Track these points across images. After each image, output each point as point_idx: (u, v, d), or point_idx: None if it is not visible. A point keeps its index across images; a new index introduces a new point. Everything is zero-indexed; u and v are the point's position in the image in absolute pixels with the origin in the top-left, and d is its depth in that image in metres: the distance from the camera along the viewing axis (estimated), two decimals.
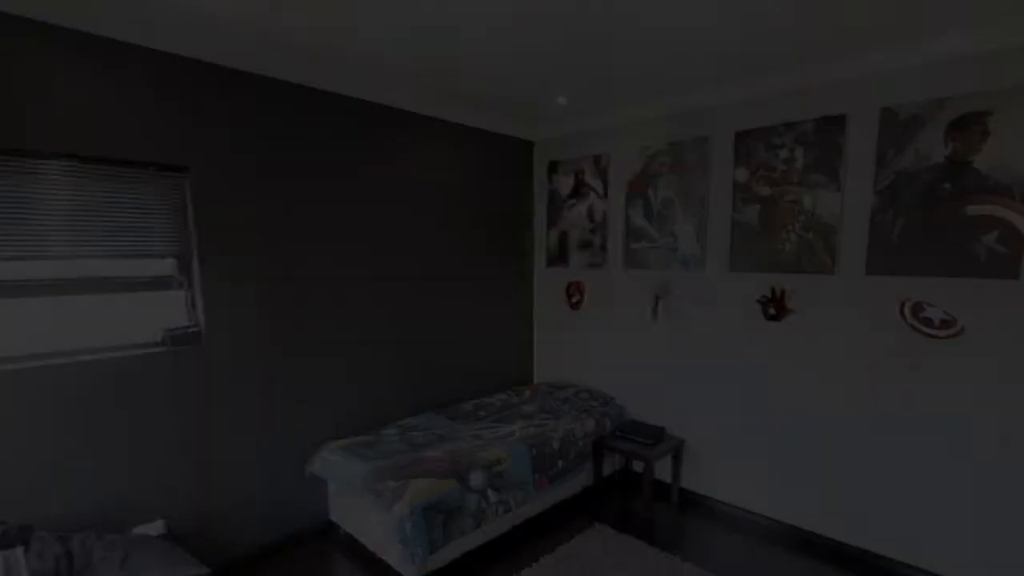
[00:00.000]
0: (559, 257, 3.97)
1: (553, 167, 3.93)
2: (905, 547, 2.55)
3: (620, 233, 3.56)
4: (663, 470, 3.44)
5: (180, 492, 2.40)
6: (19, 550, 1.71)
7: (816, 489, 2.82)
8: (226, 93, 2.44)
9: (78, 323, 2.18)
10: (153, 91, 2.22)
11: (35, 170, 2.00)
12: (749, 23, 2.13)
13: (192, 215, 2.37)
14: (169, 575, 1.84)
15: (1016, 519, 2.25)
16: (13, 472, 1.98)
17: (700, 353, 3.22)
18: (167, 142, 2.28)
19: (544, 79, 2.84)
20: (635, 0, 1.95)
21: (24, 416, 2.00)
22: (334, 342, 2.93)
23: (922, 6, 1.98)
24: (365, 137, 2.99)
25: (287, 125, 2.66)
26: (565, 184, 3.87)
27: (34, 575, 1.68)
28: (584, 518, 3.11)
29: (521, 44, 2.37)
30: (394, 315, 3.22)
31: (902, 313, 2.45)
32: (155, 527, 2.29)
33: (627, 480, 3.62)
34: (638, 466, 3.60)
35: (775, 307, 2.84)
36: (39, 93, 1.97)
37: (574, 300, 3.89)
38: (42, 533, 1.84)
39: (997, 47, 2.15)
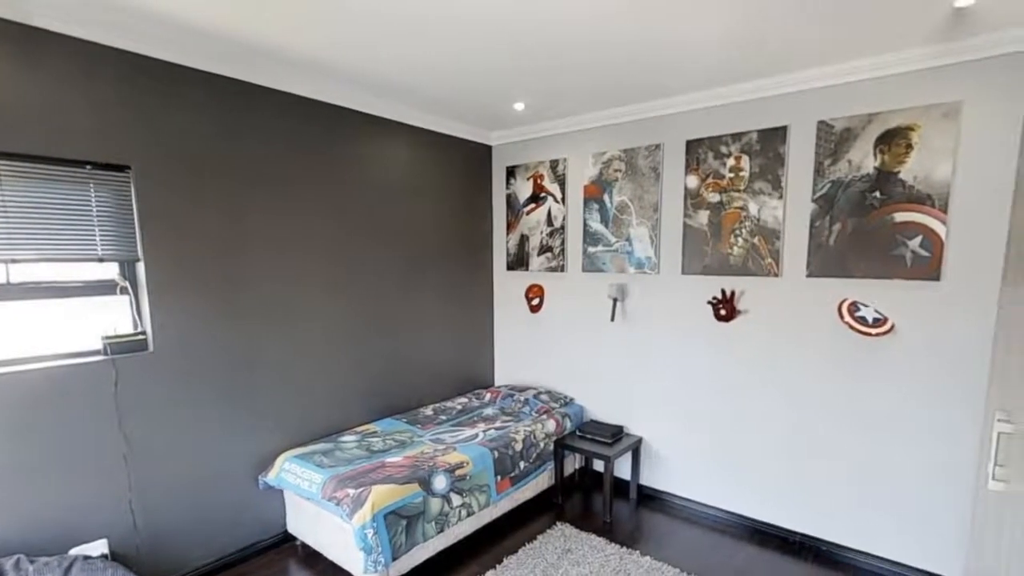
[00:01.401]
0: (519, 261, 4.01)
1: (511, 172, 3.97)
2: (846, 532, 2.73)
3: (578, 237, 3.64)
4: (623, 468, 3.54)
5: (124, 509, 2.27)
6: None
7: (764, 481, 2.97)
8: (174, 90, 2.33)
9: (8, 332, 2.03)
10: (89, 85, 2.09)
11: None
12: (702, 39, 2.24)
13: (137, 217, 2.25)
14: None
15: (948, 502, 2.45)
16: None
17: (656, 353, 3.33)
18: (106, 140, 2.15)
19: (502, 86, 2.87)
20: (591, 15, 2.02)
21: None
22: (289, 348, 2.85)
23: (853, 31, 2.14)
24: (322, 139, 2.93)
25: (240, 126, 2.57)
26: (523, 189, 3.92)
27: None
28: (547, 518, 3.15)
29: (478, 55, 2.39)
30: (351, 320, 3.16)
31: (840, 313, 2.63)
32: (96, 547, 2.15)
33: (588, 479, 3.69)
34: (599, 465, 3.68)
35: (725, 308, 2.98)
36: None
37: (534, 303, 3.94)
38: None
39: (919, 68, 2.35)
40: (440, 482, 2.58)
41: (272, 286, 2.75)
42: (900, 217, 2.44)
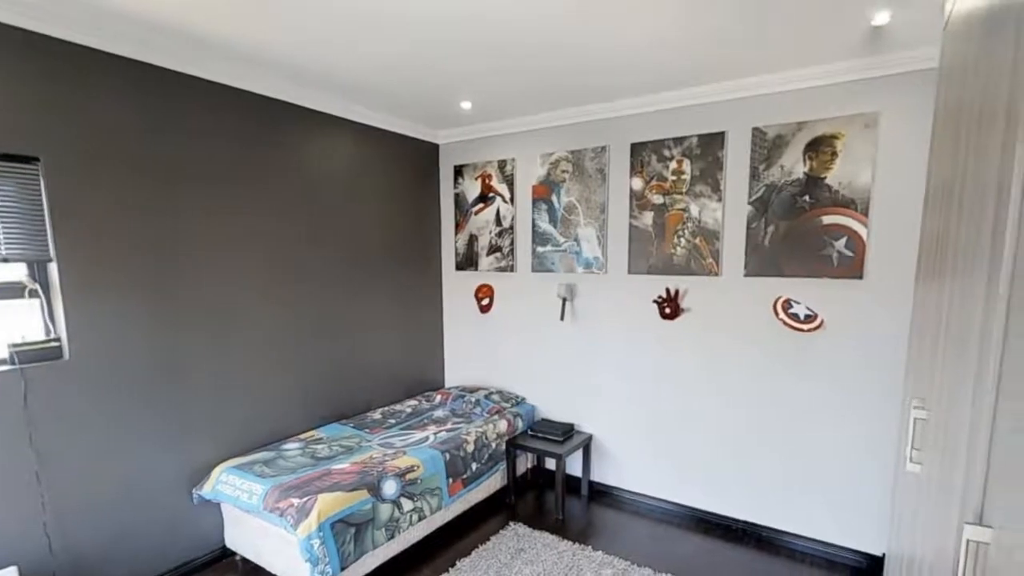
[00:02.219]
0: (468, 261, 3.98)
1: (459, 171, 3.94)
2: (783, 517, 2.89)
3: (527, 237, 3.66)
4: (574, 465, 3.58)
5: (37, 532, 2.06)
6: None
7: (707, 472, 3.10)
8: (91, 78, 2.14)
9: None
10: None
11: None
12: (644, 46, 2.30)
13: (48, 214, 2.05)
14: None
15: (873, 485, 2.64)
16: None
17: (605, 351, 3.40)
18: (9, 128, 1.95)
19: (449, 85, 2.84)
20: (537, 15, 2.02)
21: None
22: (225, 354, 2.69)
23: (782, 44, 2.27)
24: (261, 135, 2.78)
25: (169, 118, 2.40)
26: (471, 188, 3.89)
27: None
28: (500, 518, 3.15)
29: (426, 53, 2.35)
30: (294, 323, 3.03)
31: (775, 310, 2.78)
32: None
33: (540, 477, 3.72)
34: (551, 463, 3.71)
35: (670, 306, 3.08)
36: None
37: (484, 303, 3.92)
38: None
39: (842, 80, 2.52)
40: (390, 487, 2.52)
41: (207, 289, 2.59)
42: (827, 220, 2.60)
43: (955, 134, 1.16)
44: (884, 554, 2.61)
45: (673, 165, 3.03)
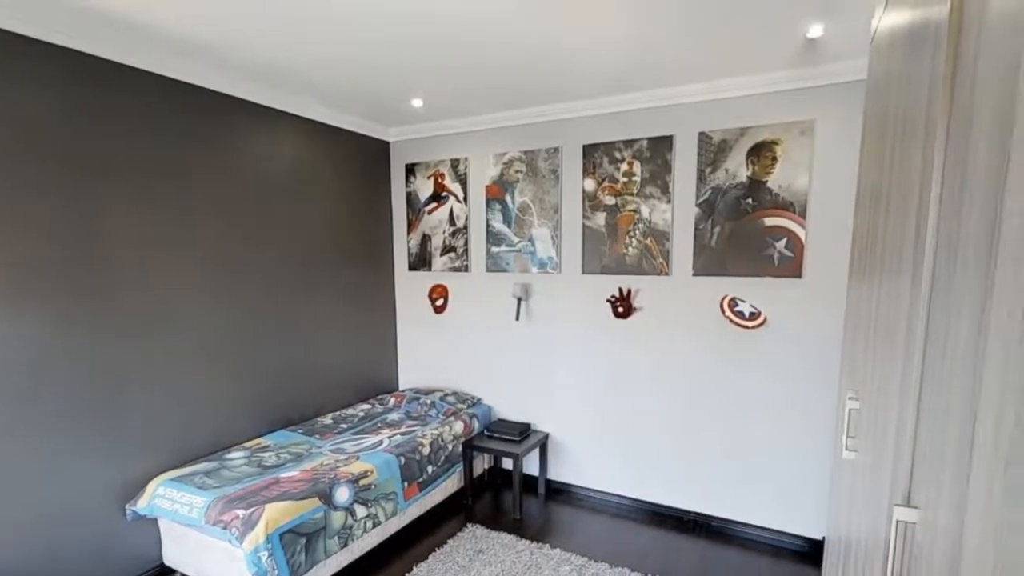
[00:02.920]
0: (421, 261, 3.93)
1: (411, 169, 3.88)
2: (731, 507, 3.01)
3: (481, 237, 3.65)
4: (531, 464, 3.60)
5: None
6: None
7: (660, 466, 3.18)
8: (8, 64, 1.97)
9: None
10: None
11: None
12: (592, 49, 2.34)
13: None
14: None
15: (813, 473, 2.79)
16: None
17: (560, 350, 3.43)
18: None
19: (399, 81, 2.78)
20: (483, 15, 2.02)
21: None
22: (161, 360, 2.54)
23: (724, 53, 2.36)
24: (198, 127, 2.64)
25: (96, 109, 2.24)
26: (424, 187, 3.84)
27: None
28: (457, 521, 3.12)
29: (375, 48, 2.30)
30: (236, 327, 2.89)
31: (722, 308, 2.89)
32: None
33: (498, 478, 3.71)
34: (508, 463, 3.71)
35: (623, 306, 3.15)
36: None
37: (438, 304, 3.88)
38: None
39: (781, 89, 2.65)
40: (343, 494, 2.45)
41: (140, 291, 2.43)
42: (769, 221, 2.73)
43: (881, 142, 1.24)
44: (824, 537, 2.76)
45: (624, 167, 3.10)
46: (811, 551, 2.81)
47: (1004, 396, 0.49)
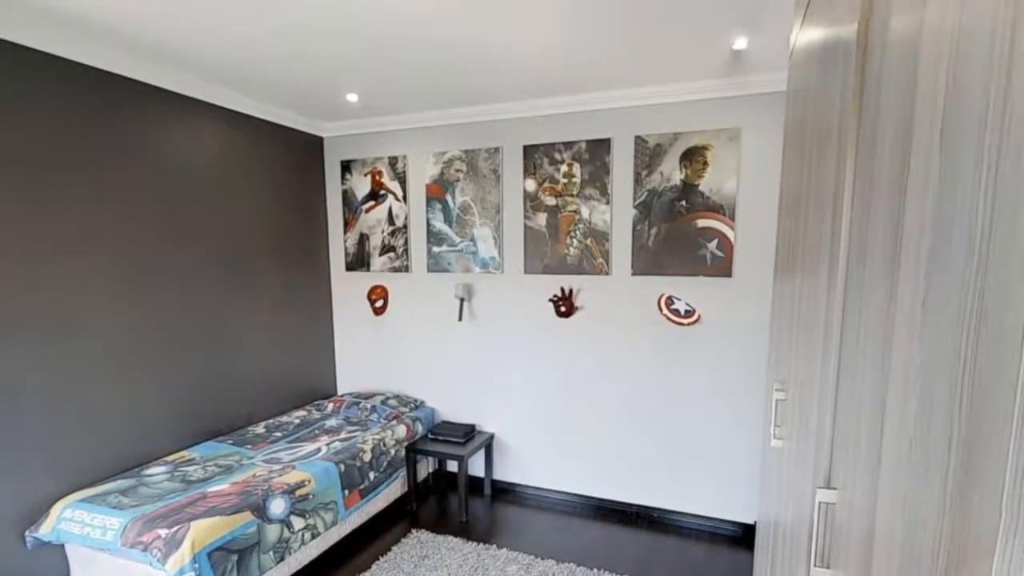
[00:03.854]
0: (359, 261, 3.81)
1: (347, 166, 3.75)
2: (671, 497, 3.13)
3: (422, 237, 3.59)
4: (476, 466, 3.58)
5: None
6: None
7: (603, 462, 3.26)
8: None
9: None
10: None
11: None
12: (527, 52, 2.37)
13: None
14: None
15: (745, 461, 2.95)
16: None
17: (504, 351, 3.44)
18: None
19: (332, 74, 2.68)
20: (415, 13, 1.99)
21: None
22: (61, 372, 2.31)
23: (656, 61, 2.45)
24: (100, 115, 2.43)
25: None
26: (361, 185, 3.73)
27: None
28: (401, 526, 3.06)
29: (305, 37, 2.21)
30: (152, 333, 2.68)
31: (659, 306, 3.00)
32: None
33: (443, 480, 3.67)
34: (453, 466, 3.67)
35: (565, 305, 3.20)
36: None
37: (377, 305, 3.78)
38: None
39: (711, 97, 2.79)
40: (278, 506, 2.33)
41: (32, 296, 2.20)
42: (701, 223, 2.87)
43: (800, 150, 1.33)
44: (756, 521, 2.93)
45: (564, 168, 3.15)
46: (744, 535, 2.97)
47: (907, 382, 0.54)
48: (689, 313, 2.94)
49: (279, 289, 3.46)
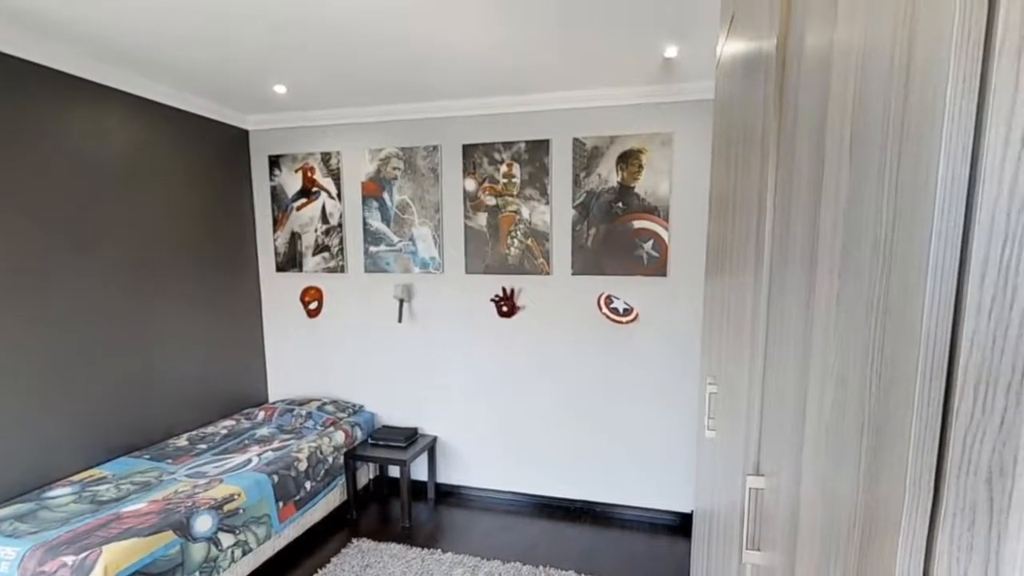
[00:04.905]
0: (290, 261, 3.64)
1: (275, 162, 3.57)
2: (612, 491, 3.22)
3: (358, 236, 3.49)
4: (419, 470, 3.52)
5: None
6: None
7: (547, 459, 3.30)
8: None
9: None
10: None
11: None
12: (472, 52, 2.36)
13: None
14: None
15: (682, 453, 3.07)
16: None
17: (445, 351, 3.41)
18: None
19: (258, 64, 2.54)
20: (358, 11, 1.94)
21: None
22: None
23: (592, 65, 2.52)
24: (9, 105, 2.19)
25: None
26: (291, 181, 3.56)
27: None
28: (341, 536, 2.95)
29: (227, 22, 2.09)
30: (54, 342, 2.44)
31: (599, 305, 3.08)
32: None
33: (384, 487, 3.57)
34: (395, 471, 3.59)
35: (507, 305, 3.21)
36: None
37: (311, 307, 3.63)
38: None
39: (645, 102, 2.89)
40: (204, 523, 2.19)
41: None
42: (637, 224, 2.97)
43: (727, 156, 1.40)
44: (692, 510, 3.07)
45: (504, 168, 3.16)
46: (682, 524, 3.11)
47: (825, 374, 0.58)
48: (627, 312, 3.04)
49: (202, 291, 3.24)
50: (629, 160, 2.94)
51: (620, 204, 2.98)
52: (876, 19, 0.48)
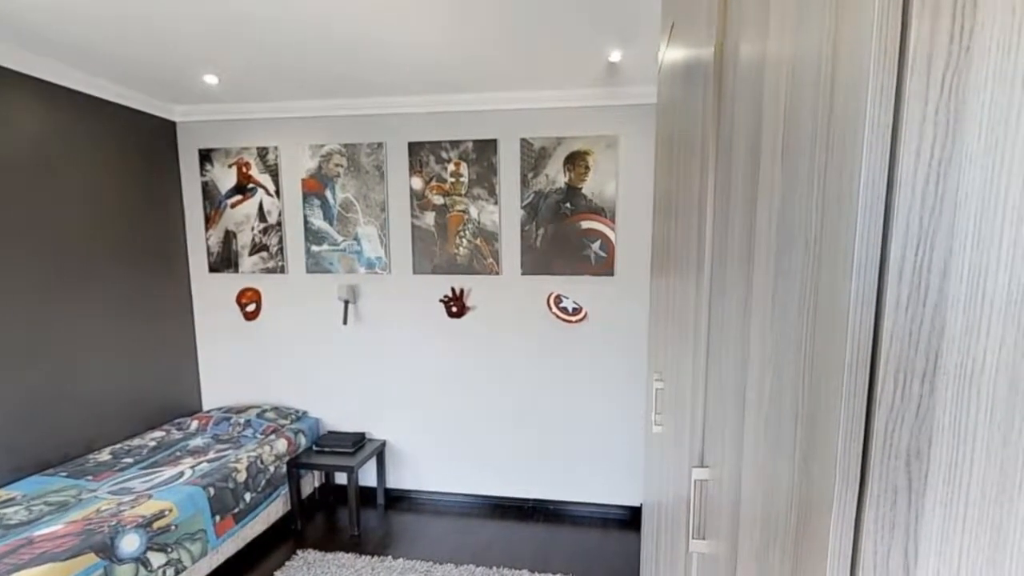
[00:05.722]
0: (225, 261, 3.45)
1: (207, 156, 3.37)
2: (564, 488, 3.26)
3: (299, 235, 3.36)
4: (368, 475, 3.43)
5: None
6: None
7: (498, 459, 3.30)
8: None
9: None
10: None
11: None
12: (417, 49, 2.33)
13: None
14: None
15: (631, 448, 3.15)
16: None
17: (394, 354, 3.34)
18: None
19: (185, 51, 2.39)
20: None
21: None
22: None
23: (538, 67, 2.55)
24: None
25: None
26: (225, 177, 3.37)
27: None
28: (285, 548, 2.83)
29: (148, 4, 1.96)
30: None
31: (548, 304, 3.11)
32: None
33: (331, 495, 3.46)
34: (342, 478, 3.48)
35: (456, 305, 3.19)
36: None
37: (249, 309, 3.46)
38: None
39: (591, 105, 2.95)
40: (130, 543, 2.04)
41: None
42: (585, 224, 3.02)
43: (669, 159, 1.45)
44: (641, 504, 3.16)
45: (451, 167, 3.14)
46: (632, 518, 3.19)
47: (762, 368, 0.61)
48: (576, 311, 3.09)
49: (126, 294, 3.02)
50: (576, 161, 2.99)
51: (568, 205, 3.03)
52: (804, 33, 0.51)
